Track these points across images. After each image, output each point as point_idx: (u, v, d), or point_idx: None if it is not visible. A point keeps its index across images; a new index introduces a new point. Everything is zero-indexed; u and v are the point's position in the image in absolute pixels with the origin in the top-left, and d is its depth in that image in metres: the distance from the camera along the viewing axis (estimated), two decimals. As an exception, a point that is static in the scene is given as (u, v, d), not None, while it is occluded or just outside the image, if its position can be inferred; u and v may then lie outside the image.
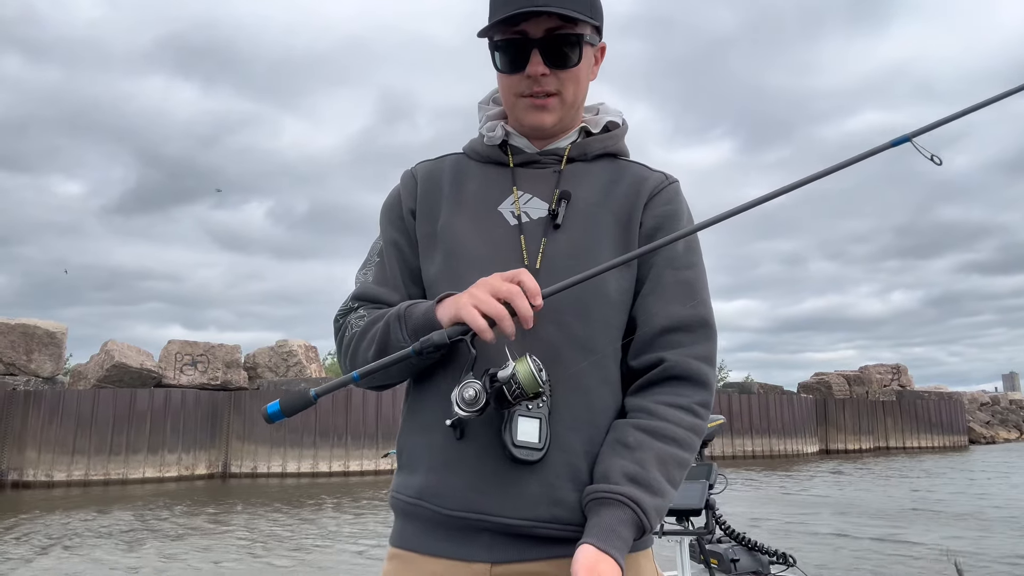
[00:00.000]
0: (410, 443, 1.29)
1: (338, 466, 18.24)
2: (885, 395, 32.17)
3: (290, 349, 20.46)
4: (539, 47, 1.28)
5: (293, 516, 11.22)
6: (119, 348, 18.01)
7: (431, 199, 1.38)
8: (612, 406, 1.24)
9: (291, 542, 8.92)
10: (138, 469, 16.88)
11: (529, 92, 1.31)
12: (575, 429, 1.20)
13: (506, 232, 1.30)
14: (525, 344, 1.18)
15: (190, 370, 18.89)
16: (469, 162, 1.41)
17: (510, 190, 1.34)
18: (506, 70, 1.32)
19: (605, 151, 1.39)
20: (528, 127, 1.35)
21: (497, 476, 1.18)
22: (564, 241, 1.27)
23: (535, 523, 1.17)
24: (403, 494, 1.27)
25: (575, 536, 1.15)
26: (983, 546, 8.30)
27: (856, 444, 29.52)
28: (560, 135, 1.38)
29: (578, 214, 1.30)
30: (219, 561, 7.73)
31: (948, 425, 32.36)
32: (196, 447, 17.73)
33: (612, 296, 1.26)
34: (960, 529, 9.45)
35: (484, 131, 1.40)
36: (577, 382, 1.21)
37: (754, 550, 2.56)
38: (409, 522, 1.27)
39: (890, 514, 10.96)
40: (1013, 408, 43.53)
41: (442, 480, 1.21)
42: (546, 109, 1.32)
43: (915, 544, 8.37)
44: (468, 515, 1.19)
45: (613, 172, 1.36)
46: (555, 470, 1.18)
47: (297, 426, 18.21)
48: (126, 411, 16.98)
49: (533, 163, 1.37)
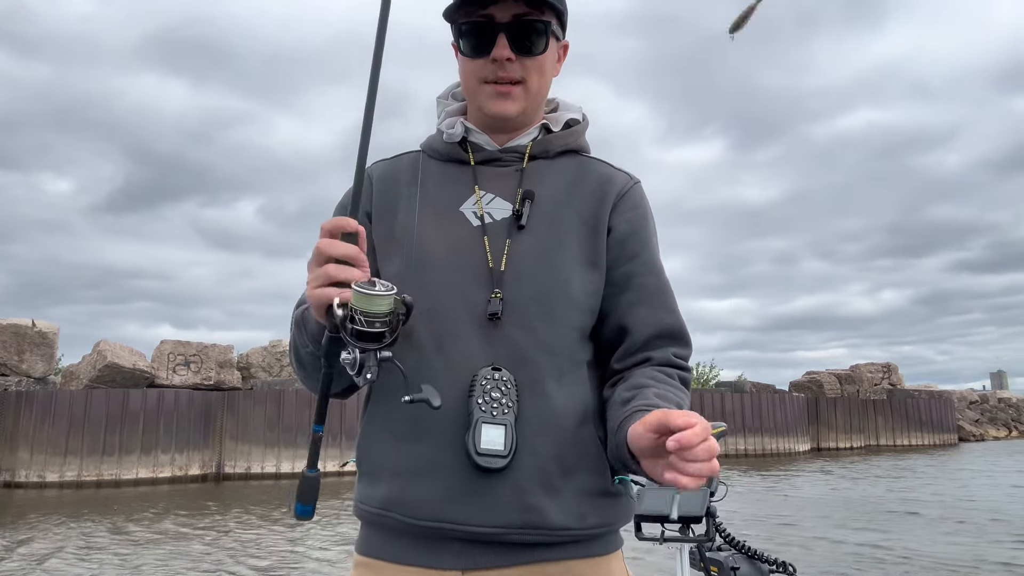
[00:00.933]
0: (371, 451, 1.27)
1: (333, 466, 18.21)
2: (876, 394, 32.31)
3: (284, 349, 20.39)
4: (506, 31, 1.26)
5: (265, 519, 11.02)
6: (111, 348, 17.92)
7: (388, 200, 1.34)
8: (579, 408, 1.23)
9: (258, 548, 8.67)
10: (131, 470, 16.79)
11: (493, 78, 1.28)
12: (543, 432, 1.18)
13: (468, 233, 1.27)
14: (490, 346, 1.18)
15: (183, 370, 18.81)
16: (428, 160, 1.38)
17: (471, 189, 1.31)
18: (470, 54, 1.29)
19: (567, 147, 1.36)
20: (490, 115, 1.31)
21: (465, 484, 1.16)
22: (529, 242, 1.25)
23: (506, 530, 1.15)
24: (367, 504, 1.25)
25: (547, 541, 1.17)
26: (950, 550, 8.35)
27: (847, 443, 29.63)
28: (521, 130, 1.35)
29: (542, 214, 1.28)
30: (178, 572, 7.46)
31: (938, 423, 32.53)
32: (189, 447, 17.65)
33: (578, 298, 1.25)
34: (936, 532, 9.43)
35: (443, 127, 1.37)
36: (542, 385, 1.19)
37: (754, 558, 2.55)
38: (375, 531, 1.25)
39: (868, 515, 10.96)
40: (1002, 406, 43.79)
41: (407, 489, 1.19)
42: (510, 97, 1.29)
43: (886, 548, 8.32)
44: (437, 524, 1.16)
45: (576, 170, 1.35)
46: (525, 475, 1.16)
47: (291, 426, 18.16)
48: (119, 411, 16.89)
49: (494, 161, 1.34)
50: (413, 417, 1.17)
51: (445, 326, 1.21)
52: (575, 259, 1.25)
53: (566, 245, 1.26)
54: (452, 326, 1.20)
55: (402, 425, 1.20)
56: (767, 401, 26.94)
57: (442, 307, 1.21)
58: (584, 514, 1.19)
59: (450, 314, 1.21)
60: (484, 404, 1.15)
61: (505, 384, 1.17)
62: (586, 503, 1.20)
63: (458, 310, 1.21)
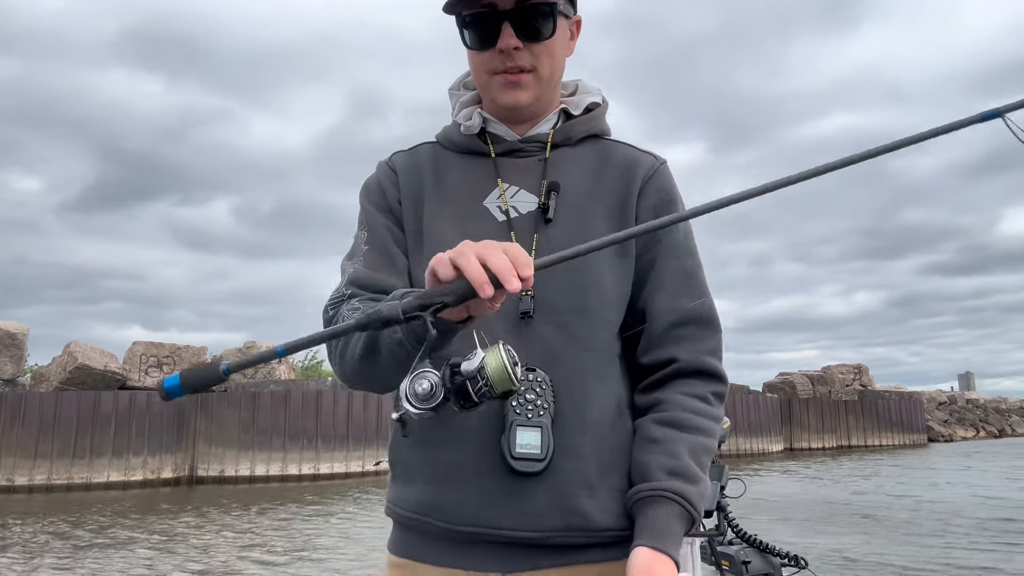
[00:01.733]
0: (404, 454, 1.23)
1: (308, 469, 18.07)
2: (847, 395, 32.70)
3: (259, 350, 20.21)
4: (510, 19, 1.20)
5: (221, 524, 10.82)
6: (82, 349, 17.64)
7: (415, 193, 1.30)
8: (614, 404, 1.20)
9: (203, 553, 8.47)
10: (102, 473, 16.54)
11: (502, 68, 1.23)
12: (581, 433, 1.15)
13: (494, 229, 1.22)
14: (523, 346, 1.09)
15: (155, 372, 18.56)
16: (446, 152, 1.33)
17: (494, 183, 1.27)
18: (476, 46, 1.24)
19: (589, 132, 1.32)
20: (503, 106, 1.27)
21: (503, 488, 1.12)
22: (557, 236, 1.21)
23: (549, 533, 1.13)
24: (401, 507, 1.22)
25: (589, 542, 1.14)
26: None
27: (820, 443, 29.96)
28: (539, 117, 1.31)
29: (569, 206, 1.24)
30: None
31: (908, 424, 33.01)
32: (162, 450, 17.41)
33: (610, 292, 1.21)
34: (895, 534, 9.46)
35: (460, 119, 1.32)
36: (579, 384, 1.16)
37: (766, 552, 2.56)
38: (410, 533, 1.22)
39: (828, 516, 11.02)
40: (970, 407, 44.52)
41: (444, 494, 1.15)
42: (520, 86, 1.24)
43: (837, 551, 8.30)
44: (474, 529, 1.13)
45: (600, 156, 1.31)
46: (565, 477, 1.13)
47: (266, 428, 17.99)
48: (90, 414, 16.64)
49: (515, 152, 1.29)
50: (447, 421, 1.08)
51: (479, 325, 1.11)
52: (606, 251, 1.18)
53: (595, 236, 1.14)
54: (483, 326, 1.09)
55: (436, 429, 1.14)
56: (741, 402, 27.15)
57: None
58: (624, 513, 1.16)
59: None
60: (519, 406, 1.11)
61: (540, 385, 1.13)
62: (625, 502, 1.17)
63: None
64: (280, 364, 20.57)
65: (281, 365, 20.61)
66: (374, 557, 8.00)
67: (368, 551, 8.40)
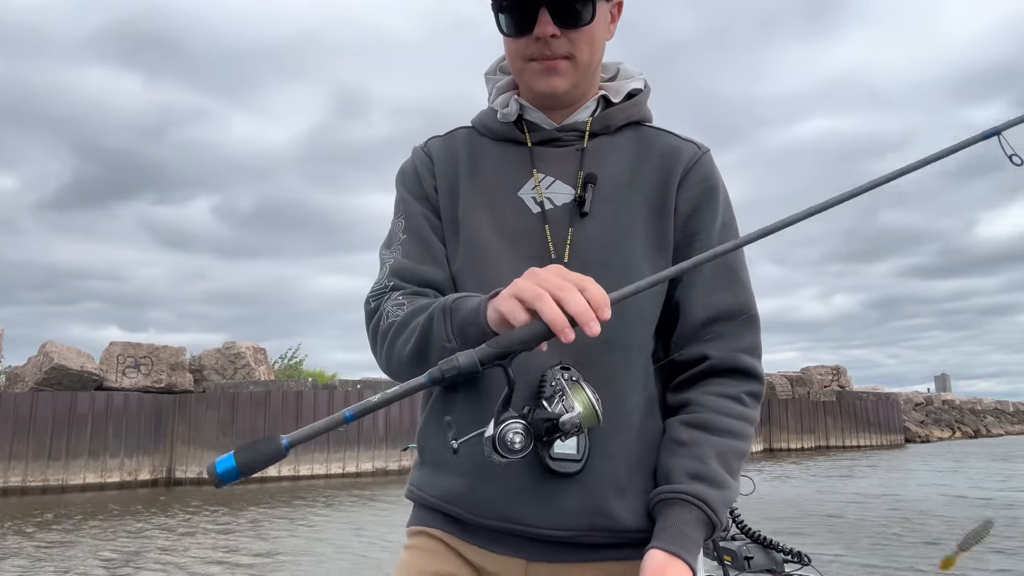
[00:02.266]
0: (435, 442, 1.22)
1: (288, 471, 17.96)
2: (826, 395, 32.96)
3: (238, 351, 20.07)
4: (548, 5, 1.15)
5: (166, 529, 10.50)
6: (58, 350, 17.43)
7: (450, 180, 1.28)
8: (647, 403, 1.18)
9: (134, 557, 8.18)
10: (78, 475, 16.35)
11: (539, 55, 1.19)
12: (614, 432, 1.13)
13: (529, 221, 1.20)
14: (559, 343, 1.02)
15: (133, 372, 18.38)
16: (481, 139, 1.30)
17: (530, 172, 1.23)
18: (512, 33, 1.20)
19: (629, 120, 1.28)
20: (539, 94, 1.23)
21: (535, 487, 1.11)
22: (593, 230, 1.18)
23: (574, 533, 1.12)
24: (427, 492, 1.21)
25: (616, 542, 1.13)
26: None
27: (799, 443, 30.18)
28: (577, 103, 1.26)
29: (606, 198, 1.20)
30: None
31: (885, 425, 33.34)
32: (139, 452, 17.25)
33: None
34: (857, 537, 9.47)
35: (497, 106, 1.29)
36: (612, 383, 1.13)
37: (769, 548, 2.52)
38: (436, 514, 1.21)
39: (793, 518, 11.04)
40: (946, 408, 45.05)
41: (474, 487, 1.14)
42: (558, 72, 1.20)
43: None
44: (502, 524, 1.13)
45: (640, 145, 1.26)
46: (596, 477, 1.12)
47: (245, 430, 17.85)
48: (66, 415, 16.44)
49: (552, 141, 1.26)
50: (480, 414, 1.06)
51: None
52: (644, 245, 1.18)
53: (633, 230, 1.19)
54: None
55: (470, 419, 1.09)
56: (721, 403, 27.19)
57: None
58: (649, 515, 1.14)
59: None
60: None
61: (575, 384, 1.08)
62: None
63: None
64: (259, 365, 20.44)
65: (260, 366, 20.48)
66: (342, 559, 7.97)
67: (335, 551, 8.37)
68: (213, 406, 18.08)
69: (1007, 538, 8.43)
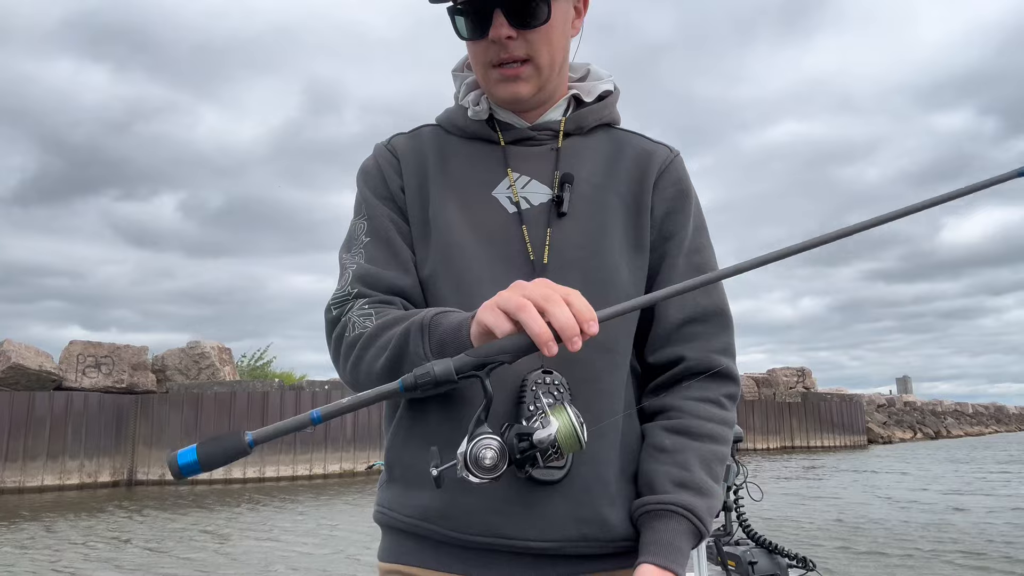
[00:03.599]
0: (407, 457, 1.13)
1: (253, 472, 17.72)
2: (791, 397, 33.35)
3: (202, 351, 19.75)
4: (501, 6, 1.10)
5: (95, 534, 10.27)
6: (16, 349, 17.01)
7: (419, 179, 1.22)
8: (626, 407, 1.14)
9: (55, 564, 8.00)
10: (36, 476, 15.98)
11: (498, 60, 1.15)
12: (600, 435, 1.08)
13: (505, 221, 1.16)
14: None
15: (93, 372, 18.01)
16: (449, 137, 1.25)
17: (504, 172, 1.19)
18: (468, 36, 1.16)
19: (601, 122, 1.26)
20: (502, 101, 1.19)
21: (519, 497, 1.05)
22: (571, 230, 1.15)
23: (564, 543, 1.06)
24: (400, 512, 1.12)
25: (606, 552, 1.09)
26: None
27: (764, 444, 30.52)
28: (547, 104, 1.23)
29: (583, 198, 1.17)
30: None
31: (849, 426, 33.82)
32: (99, 453, 16.91)
33: (628, 288, 1.15)
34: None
35: (467, 103, 1.23)
36: (596, 385, 1.10)
37: (773, 552, 2.50)
38: (408, 540, 1.13)
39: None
40: (907, 409, 45.84)
41: (453, 501, 1.06)
42: (520, 79, 1.15)
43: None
44: (485, 539, 1.06)
45: (613, 146, 1.24)
46: (583, 484, 1.07)
47: (210, 430, 17.56)
48: (23, 415, 16.06)
49: (526, 140, 1.22)
50: (457, 424, 1.02)
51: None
52: (621, 245, 1.16)
53: (611, 231, 1.16)
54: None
55: (445, 432, 1.05)
56: (688, 404, 27.42)
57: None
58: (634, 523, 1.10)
59: None
60: (535, 410, 1.02)
61: (557, 388, 1.05)
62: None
63: None
64: (224, 365, 20.14)
65: (225, 366, 20.18)
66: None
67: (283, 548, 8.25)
68: (176, 407, 17.78)
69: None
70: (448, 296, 1.12)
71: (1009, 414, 66.28)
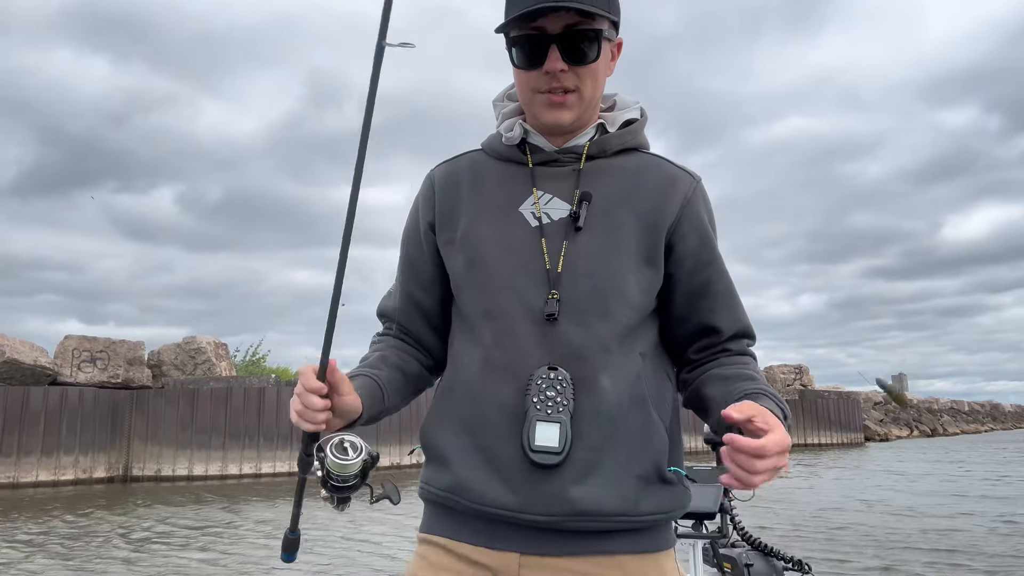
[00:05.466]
0: (438, 440, 1.33)
1: (249, 468, 17.58)
2: (788, 394, 33.38)
3: (198, 346, 19.59)
4: (558, 43, 1.27)
5: (62, 536, 10.32)
6: (10, 343, 16.83)
7: (450, 203, 1.40)
8: (634, 398, 1.27)
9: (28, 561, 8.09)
10: (30, 472, 15.81)
11: (547, 88, 1.30)
12: (597, 426, 1.23)
13: (527, 234, 1.31)
14: (547, 345, 1.24)
15: (88, 367, 17.84)
16: (487, 160, 1.42)
17: (530, 190, 1.34)
18: (524, 66, 1.31)
19: (624, 146, 1.38)
20: (545, 124, 1.34)
21: (522, 475, 1.22)
22: (585, 243, 1.29)
23: (560, 518, 1.21)
24: (434, 486, 1.32)
25: (603, 528, 1.22)
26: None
27: (762, 442, 30.51)
28: (578, 131, 1.37)
29: (599, 214, 1.30)
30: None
31: (847, 423, 33.86)
32: (95, 449, 16.75)
33: (633, 297, 1.29)
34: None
35: (502, 130, 1.39)
36: (596, 381, 1.24)
37: (769, 555, 2.49)
38: (439, 511, 1.33)
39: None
40: (904, 407, 45.92)
41: (473, 477, 1.26)
42: (564, 106, 1.31)
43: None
44: (497, 511, 1.23)
45: (634, 167, 1.37)
46: (578, 467, 1.21)
47: (206, 426, 17.45)
48: (18, 411, 15.89)
49: (552, 162, 1.37)
50: (478, 411, 1.26)
51: (504, 324, 1.27)
52: (632, 258, 1.29)
53: (624, 245, 1.29)
54: (511, 324, 1.27)
55: (467, 418, 1.28)
56: (687, 401, 27.48)
57: (500, 307, 1.28)
58: (638, 500, 1.24)
59: (508, 313, 1.27)
60: (539, 403, 1.21)
61: (561, 383, 1.22)
62: (640, 490, 1.24)
63: (516, 310, 1.27)
64: (220, 360, 19.98)
65: (222, 362, 20.02)
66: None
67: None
68: (172, 403, 17.62)
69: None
70: (474, 300, 1.31)
71: (1005, 412, 66.54)
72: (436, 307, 1.42)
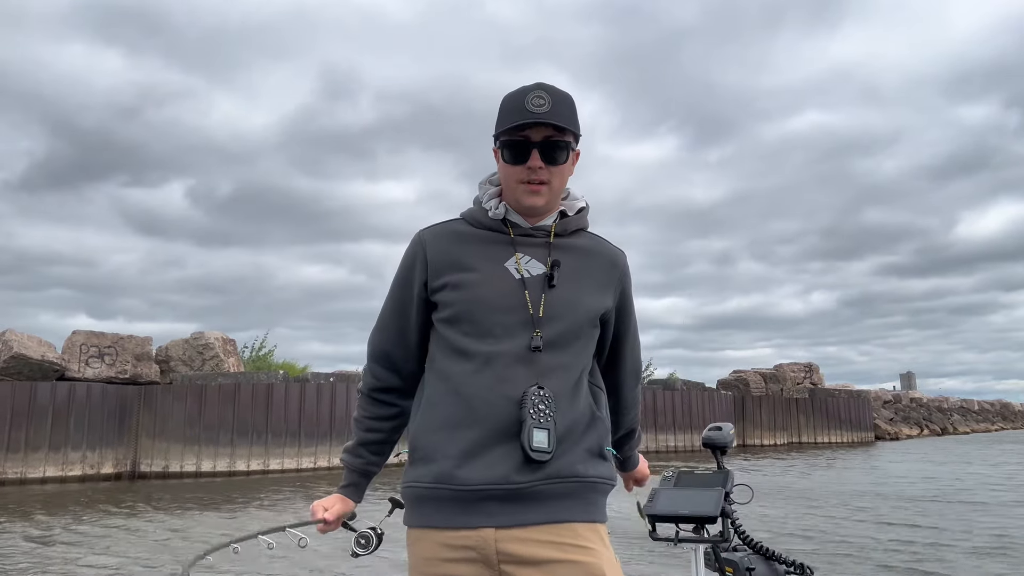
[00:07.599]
0: (427, 440, 1.66)
1: (257, 464, 17.59)
2: (798, 392, 33.19)
3: (206, 342, 19.60)
4: (538, 148, 1.69)
5: (61, 529, 10.26)
6: (18, 338, 16.89)
7: (442, 256, 1.74)
8: (586, 402, 1.72)
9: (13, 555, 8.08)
10: (38, 468, 15.87)
11: (527, 180, 1.70)
12: (569, 426, 1.64)
13: (513, 284, 1.69)
14: (533, 369, 1.63)
15: (96, 362, 17.88)
16: (470, 228, 1.78)
17: (512, 252, 1.73)
18: (512, 162, 1.71)
19: (578, 227, 1.82)
20: (524, 206, 1.74)
21: (513, 462, 1.57)
22: (557, 296, 1.69)
23: (535, 482, 1.57)
24: (421, 483, 1.64)
25: (566, 489, 1.60)
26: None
27: (772, 439, 30.38)
28: (546, 215, 1.77)
29: (567, 277, 1.72)
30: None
31: (857, 422, 33.66)
32: (102, 444, 16.80)
33: (592, 336, 1.76)
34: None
35: (488, 206, 1.76)
36: (567, 395, 1.66)
37: (771, 559, 2.43)
38: (423, 503, 1.64)
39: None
40: (914, 406, 45.68)
41: (461, 466, 1.58)
42: (539, 194, 1.72)
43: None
44: (479, 487, 1.56)
45: (586, 244, 1.81)
46: (564, 452, 1.62)
47: (213, 423, 17.47)
48: (25, 406, 15.95)
49: (528, 235, 1.76)
50: (470, 410, 1.61)
51: (498, 349, 1.64)
52: (589, 309, 1.73)
53: (585, 299, 1.73)
54: (504, 351, 1.64)
55: (459, 417, 1.62)
56: (696, 399, 27.38)
57: (496, 337, 1.65)
58: (588, 466, 1.66)
59: (501, 342, 1.64)
60: (534, 413, 1.57)
61: (547, 399, 1.60)
62: (590, 461, 1.67)
63: (508, 343, 1.64)
64: (228, 356, 19.99)
65: (230, 357, 20.04)
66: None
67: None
68: (180, 398, 17.65)
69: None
70: (470, 334, 1.66)
71: (1015, 411, 66.11)
72: (416, 338, 1.80)
